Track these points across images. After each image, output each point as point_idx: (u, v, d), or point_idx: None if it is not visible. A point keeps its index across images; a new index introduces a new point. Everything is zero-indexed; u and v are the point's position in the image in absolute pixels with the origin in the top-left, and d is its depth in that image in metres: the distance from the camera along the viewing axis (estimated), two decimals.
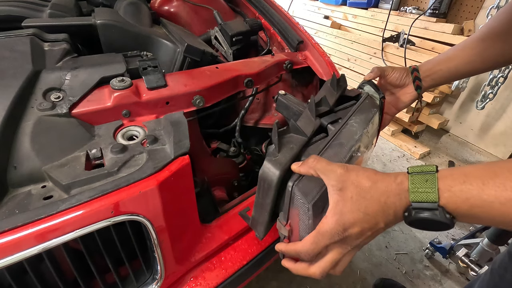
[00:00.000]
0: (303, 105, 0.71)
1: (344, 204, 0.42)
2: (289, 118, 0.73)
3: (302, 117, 0.61)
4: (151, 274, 0.58)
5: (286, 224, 0.52)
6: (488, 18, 1.88)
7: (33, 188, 0.47)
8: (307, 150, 0.56)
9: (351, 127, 0.61)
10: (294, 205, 0.49)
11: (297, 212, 0.49)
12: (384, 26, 2.54)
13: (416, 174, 0.41)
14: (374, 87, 0.75)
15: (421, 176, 0.40)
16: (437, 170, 0.40)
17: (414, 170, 0.41)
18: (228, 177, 0.93)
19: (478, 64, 0.73)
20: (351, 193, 0.42)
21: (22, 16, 0.83)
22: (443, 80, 0.79)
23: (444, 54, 0.78)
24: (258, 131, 1.11)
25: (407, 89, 0.81)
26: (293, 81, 1.11)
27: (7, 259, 0.39)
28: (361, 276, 1.41)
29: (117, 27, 0.82)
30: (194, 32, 1.11)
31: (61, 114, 0.56)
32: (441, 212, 0.38)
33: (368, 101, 0.70)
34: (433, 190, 0.38)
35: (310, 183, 0.48)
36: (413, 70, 0.79)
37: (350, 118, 0.63)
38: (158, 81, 0.67)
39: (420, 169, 0.41)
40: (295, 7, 3.69)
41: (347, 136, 0.59)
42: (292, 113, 0.72)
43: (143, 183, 0.48)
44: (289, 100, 0.73)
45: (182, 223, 0.60)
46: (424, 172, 0.40)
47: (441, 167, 1.63)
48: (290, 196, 0.49)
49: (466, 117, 2.40)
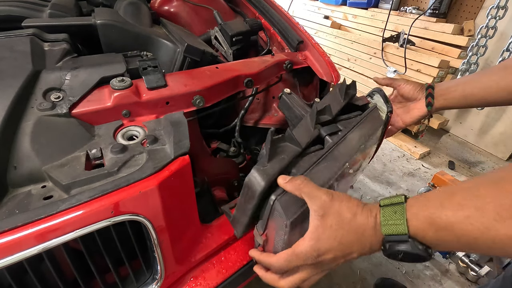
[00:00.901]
0: (305, 109, 0.69)
1: (323, 231, 0.44)
2: (289, 119, 0.72)
3: (301, 124, 0.60)
4: (151, 274, 0.58)
5: (262, 234, 0.53)
6: (488, 18, 1.88)
7: (33, 188, 0.47)
8: (299, 162, 0.55)
9: (348, 142, 0.59)
10: (273, 218, 0.50)
11: (275, 225, 0.50)
12: (384, 26, 2.54)
13: (386, 207, 0.42)
14: (384, 98, 0.72)
15: (391, 208, 0.41)
16: (406, 200, 0.41)
17: (385, 202, 0.43)
18: (228, 177, 0.93)
19: (493, 92, 0.68)
20: (331, 222, 0.44)
21: (22, 16, 0.83)
22: (456, 103, 0.75)
23: (464, 77, 0.75)
24: (258, 131, 1.11)
25: (418, 104, 0.78)
26: (293, 81, 1.11)
27: (7, 259, 0.39)
28: (361, 276, 1.41)
29: (117, 27, 0.82)
30: (194, 32, 1.11)
31: (61, 114, 0.56)
32: (412, 243, 0.39)
33: (373, 114, 0.68)
34: (402, 221, 0.39)
35: (292, 200, 0.48)
36: (428, 86, 0.77)
37: (350, 131, 0.61)
38: (158, 81, 0.67)
39: (390, 201, 0.42)
40: (295, 7, 3.69)
41: (343, 151, 0.58)
42: (294, 115, 0.70)
43: (143, 183, 0.48)
44: (293, 100, 0.71)
45: (182, 223, 0.60)
46: (393, 204, 0.41)
47: (441, 167, 1.63)
48: (271, 209, 0.49)
49: (466, 117, 2.40)
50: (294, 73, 1.09)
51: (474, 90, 0.71)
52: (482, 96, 0.70)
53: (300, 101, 0.71)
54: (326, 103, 0.66)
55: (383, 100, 0.72)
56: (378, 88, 0.76)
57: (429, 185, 1.81)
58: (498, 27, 1.92)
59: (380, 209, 0.43)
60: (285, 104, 0.72)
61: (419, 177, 2.13)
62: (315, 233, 0.44)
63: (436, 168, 2.20)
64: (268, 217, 0.50)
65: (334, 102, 0.66)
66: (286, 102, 0.71)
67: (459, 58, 2.15)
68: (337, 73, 0.97)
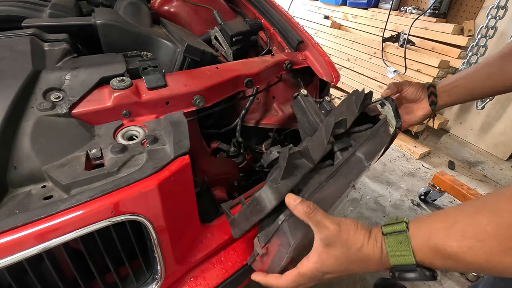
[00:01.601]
0: (320, 116, 0.67)
1: (328, 258, 0.46)
2: (301, 122, 0.70)
3: (315, 136, 0.59)
4: (151, 274, 0.58)
5: (263, 246, 0.53)
6: (488, 18, 1.88)
7: (33, 188, 0.47)
8: (309, 179, 0.55)
9: (357, 161, 0.60)
10: (278, 236, 0.50)
11: (278, 242, 0.51)
12: (384, 26, 2.54)
13: (390, 236, 0.43)
14: (395, 111, 0.71)
15: (394, 237, 0.43)
16: (407, 227, 0.43)
17: (387, 230, 0.44)
18: (228, 177, 0.93)
19: (497, 80, 0.69)
20: (337, 252, 0.45)
21: (22, 16, 0.83)
22: (460, 97, 0.75)
23: (464, 71, 0.75)
24: (258, 131, 1.11)
25: (421, 104, 0.78)
26: (293, 81, 1.11)
27: (7, 259, 0.39)
28: (361, 276, 1.41)
29: (117, 27, 0.82)
30: (194, 32, 1.11)
31: (61, 114, 0.56)
32: (420, 271, 0.41)
33: (383, 129, 0.67)
34: (409, 252, 0.41)
35: (299, 222, 0.49)
36: (429, 85, 0.77)
37: (360, 148, 0.61)
38: (158, 81, 0.67)
39: (392, 228, 0.44)
40: (295, 7, 3.69)
41: (351, 170, 0.58)
42: (306, 120, 0.68)
43: (143, 183, 0.48)
44: (308, 104, 0.69)
45: (182, 223, 0.60)
46: (396, 233, 0.43)
47: (441, 167, 1.63)
48: (278, 228, 0.50)
49: (466, 117, 2.40)
50: (294, 73, 1.10)
51: (477, 82, 0.71)
52: (486, 86, 0.70)
53: (315, 105, 0.70)
54: (341, 112, 0.65)
55: (393, 113, 0.71)
56: (390, 97, 0.74)
57: (429, 185, 1.81)
58: (498, 27, 1.92)
59: (385, 238, 0.44)
60: (299, 106, 0.70)
61: (419, 177, 2.13)
62: (319, 258, 0.46)
63: (436, 168, 2.20)
64: (273, 234, 0.51)
65: (348, 112, 0.65)
66: (301, 104, 0.69)
67: (459, 58, 2.15)
68: (337, 73, 0.97)
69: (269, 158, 0.60)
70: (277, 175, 0.50)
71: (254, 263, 0.61)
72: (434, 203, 1.89)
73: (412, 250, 0.41)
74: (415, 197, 1.94)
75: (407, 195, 1.97)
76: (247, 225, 0.57)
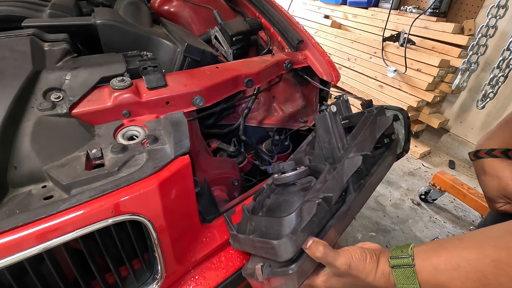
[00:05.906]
0: (343, 141, 0.62)
1: (336, 282, 0.50)
2: (320, 138, 0.64)
3: (337, 173, 0.55)
4: (151, 274, 0.58)
5: (266, 278, 0.54)
6: (489, 17, 1.88)
7: (34, 188, 0.47)
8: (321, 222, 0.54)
9: (365, 193, 0.61)
10: (284, 277, 0.51)
11: (282, 281, 0.51)
12: (384, 26, 2.53)
13: (397, 269, 0.46)
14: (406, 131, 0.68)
15: (401, 271, 0.46)
16: (413, 260, 0.46)
17: (394, 263, 0.47)
18: (228, 177, 0.93)
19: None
20: (347, 280, 0.49)
21: (22, 16, 0.83)
22: None
23: None
24: (258, 131, 1.11)
25: None
26: (293, 81, 1.11)
27: (7, 259, 0.39)
28: None
29: (117, 27, 0.82)
30: (194, 32, 1.11)
31: (61, 114, 0.56)
32: None
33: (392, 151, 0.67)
34: (416, 286, 0.45)
35: (307, 267, 0.51)
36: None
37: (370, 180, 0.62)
38: (158, 81, 0.67)
39: (398, 262, 0.47)
40: (295, 6, 3.69)
41: (359, 202, 0.59)
42: (326, 140, 0.62)
43: (143, 183, 0.48)
44: (334, 124, 0.62)
45: (182, 223, 0.60)
46: (403, 266, 0.46)
47: (442, 166, 1.62)
48: (286, 273, 0.50)
49: (467, 117, 2.40)
50: (294, 72, 1.09)
51: None
52: None
53: (341, 127, 0.63)
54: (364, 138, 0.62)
55: (404, 131, 0.70)
56: (405, 112, 0.70)
57: (430, 184, 1.81)
58: (499, 26, 1.91)
59: (392, 271, 0.47)
60: (324, 122, 0.62)
61: (420, 177, 2.13)
62: (328, 281, 0.51)
63: (436, 168, 2.20)
64: (280, 273, 0.51)
65: (371, 138, 0.62)
66: (326, 121, 0.62)
67: (460, 57, 2.14)
68: (337, 72, 0.97)
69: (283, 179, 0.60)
70: (298, 224, 0.49)
71: (251, 280, 0.61)
72: (435, 202, 1.90)
73: (419, 284, 0.44)
74: (415, 197, 1.94)
75: (408, 195, 1.96)
76: (251, 250, 0.57)
